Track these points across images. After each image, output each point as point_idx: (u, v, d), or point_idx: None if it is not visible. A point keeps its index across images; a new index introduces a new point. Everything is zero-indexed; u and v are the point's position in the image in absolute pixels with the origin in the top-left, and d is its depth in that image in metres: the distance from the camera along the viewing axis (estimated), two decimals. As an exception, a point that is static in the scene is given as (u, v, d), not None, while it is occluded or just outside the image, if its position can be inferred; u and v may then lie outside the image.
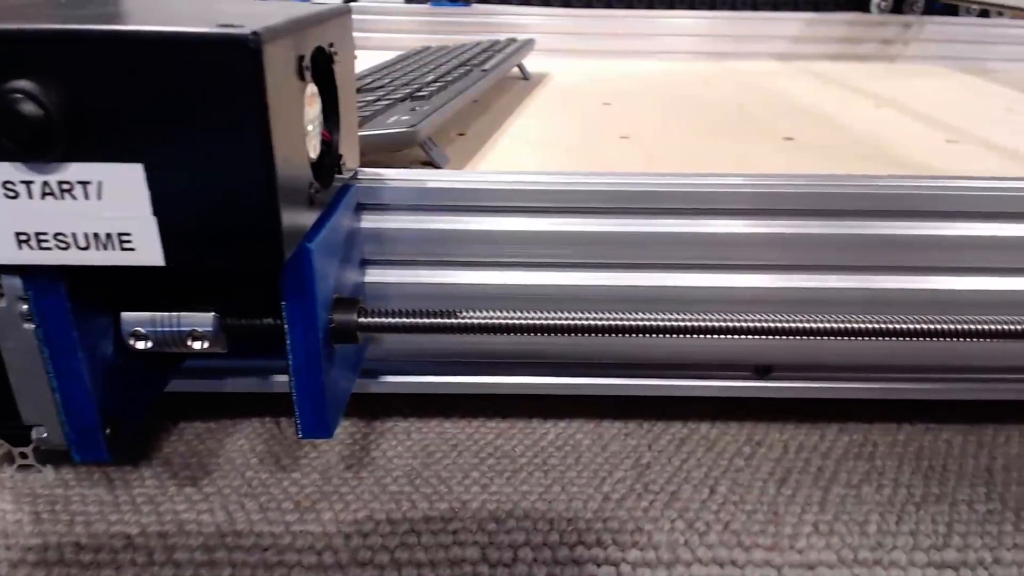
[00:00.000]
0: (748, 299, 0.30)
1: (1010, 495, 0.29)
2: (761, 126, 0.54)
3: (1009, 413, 0.33)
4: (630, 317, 0.27)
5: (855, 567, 0.26)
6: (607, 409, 0.34)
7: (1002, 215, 0.30)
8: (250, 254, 0.19)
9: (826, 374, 0.32)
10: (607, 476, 0.30)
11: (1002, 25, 0.86)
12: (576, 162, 0.44)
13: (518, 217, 0.30)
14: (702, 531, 0.27)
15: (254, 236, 0.18)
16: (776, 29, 0.85)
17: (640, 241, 0.30)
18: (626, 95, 0.64)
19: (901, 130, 0.53)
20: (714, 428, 0.33)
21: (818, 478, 0.30)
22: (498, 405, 0.34)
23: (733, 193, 0.30)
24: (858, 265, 0.30)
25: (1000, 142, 0.49)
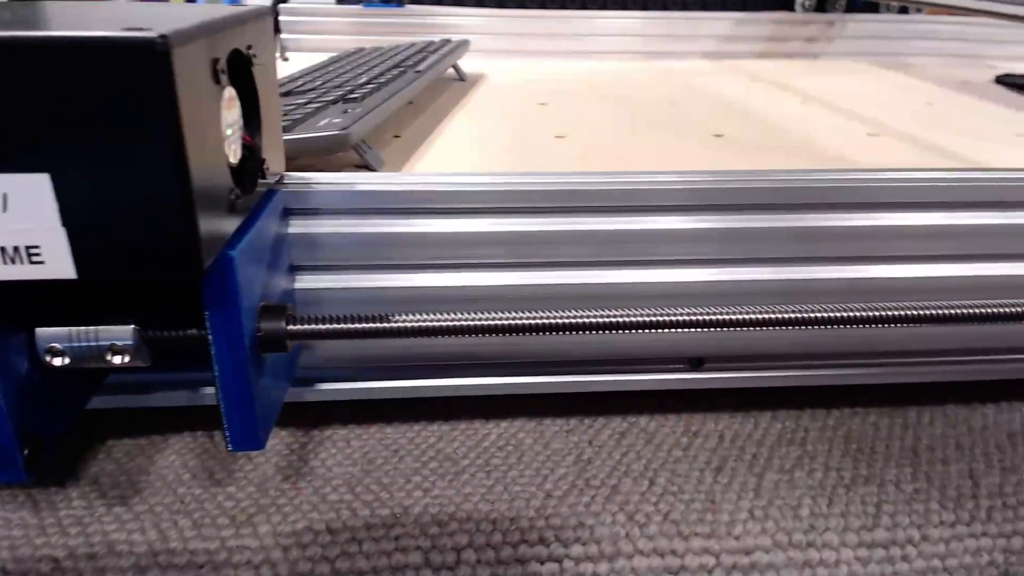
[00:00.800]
0: (681, 293, 0.31)
1: (935, 474, 0.30)
2: (692, 123, 0.55)
3: (932, 394, 0.34)
4: (568, 315, 0.27)
5: (790, 550, 0.27)
6: (549, 407, 0.34)
7: (921, 205, 0.31)
8: (167, 263, 0.18)
9: (758, 363, 0.32)
10: (549, 473, 0.30)
11: (920, 21, 0.90)
12: (512, 162, 0.44)
13: (455, 219, 0.30)
14: (642, 523, 0.27)
15: (170, 245, 0.18)
16: (706, 29, 0.87)
17: (576, 239, 0.30)
18: (562, 95, 0.65)
19: (825, 125, 0.55)
20: (653, 421, 0.33)
21: (753, 465, 0.30)
22: (440, 408, 0.33)
23: (665, 190, 0.30)
24: (785, 257, 0.31)
25: (919, 135, 0.52)
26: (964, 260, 0.32)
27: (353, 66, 0.59)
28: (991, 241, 0.32)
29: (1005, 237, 0.32)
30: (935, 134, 0.52)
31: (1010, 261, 0.32)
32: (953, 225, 0.31)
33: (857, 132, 0.52)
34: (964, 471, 0.30)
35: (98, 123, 0.17)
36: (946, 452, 0.31)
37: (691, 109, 0.60)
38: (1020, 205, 0.32)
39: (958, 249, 0.32)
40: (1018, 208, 0.32)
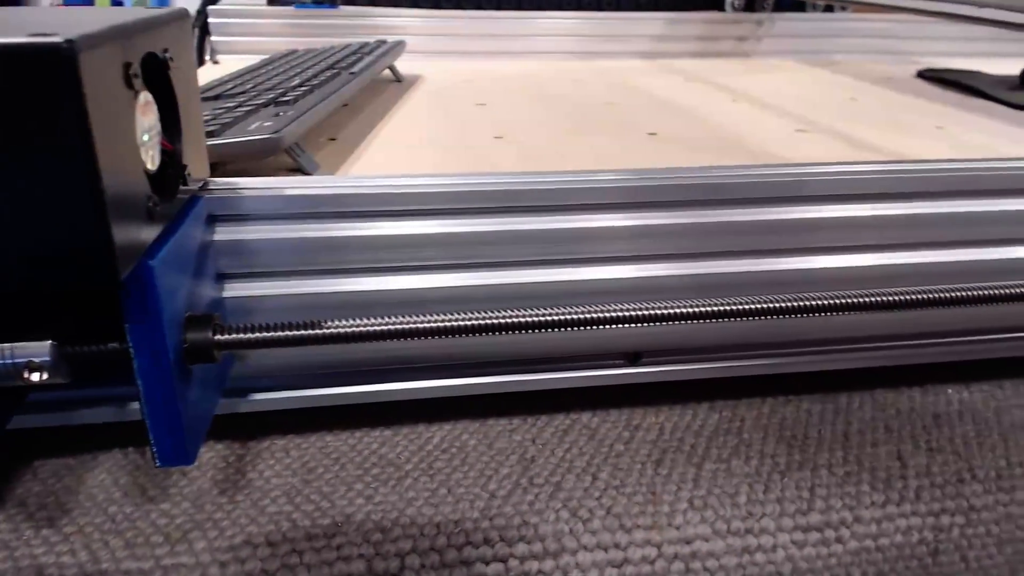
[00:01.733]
0: (619, 289, 0.31)
1: (865, 456, 0.31)
2: (628, 123, 0.55)
3: (862, 380, 0.35)
4: (508, 315, 0.27)
5: (728, 537, 0.27)
6: (493, 407, 0.34)
7: (847, 197, 0.32)
8: (81, 275, 0.17)
9: (694, 356, 0.33)
10: (493, 474, 0.30)
11: (844, 19, 0.93)
12: (451, 163, 0.44)
13: (391, 221, 0.29)
14: (586, 518, 0.28)
15: (83, 255, 0.17)
16: (641, 29, 0.89)
17: (515, 239, 0.30)
18: (500, 95, 0.65)
19: (755, 122, 0.56)
20: (595, 416, 0.33)
21: (692, 456, 0.31)
22: (382, 413, 0.33)
23: (601, 188, 0.31)
24: (719, 251, 0.32)
25: (844, 129, 0.54)
26: (888, 249, 0.33)
27: (285, 68, 0.58)
28: (913, 231, 0.33)
29: (927, 226, 0.33)
30: (860, 128, 0.54)
31: (931, 249, 0.33)
32: (877, 216, 0.33)
33: (786, 128, 0.54)
34: (893, 453, 0.31)
35: (4, 131, 0.16)
36: (875, 435, 0.32)
37: (627, 108, 0.61)
38: (940, 195, 0.33)
39: (882, 239, 0.33)
40: (938, 198, 0.33)
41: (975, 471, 0.30)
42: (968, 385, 0.36)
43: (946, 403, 0.34)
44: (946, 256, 0.34)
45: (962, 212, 0.33)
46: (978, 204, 0.33)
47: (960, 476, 0.30)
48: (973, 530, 0.29)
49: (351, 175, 0.41)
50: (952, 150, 0.48)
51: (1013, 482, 0.30)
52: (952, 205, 0.33)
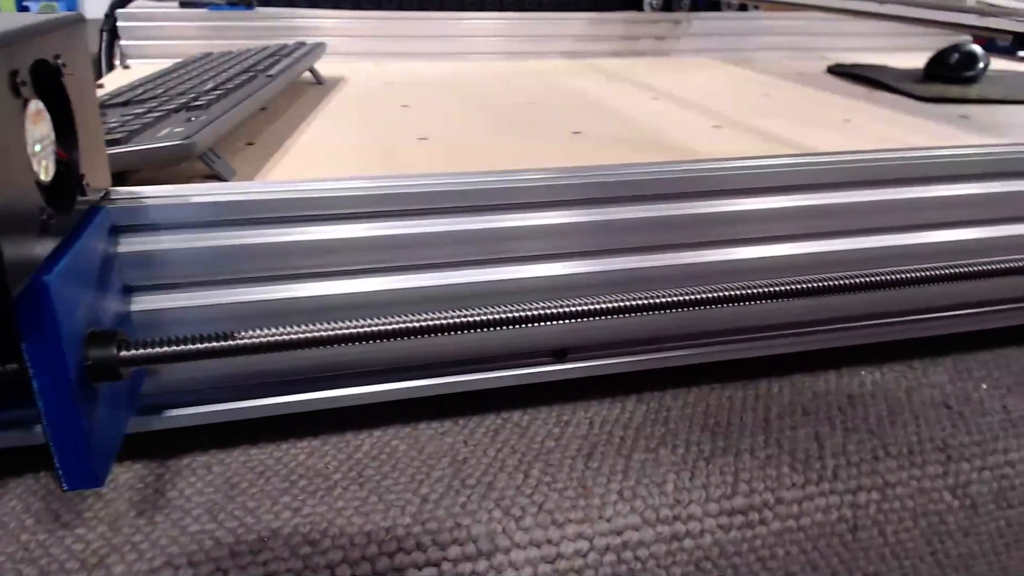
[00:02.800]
0: (545, 287, 0.31)
1: (785, 439, 0.32)
2: (552, 122, 0.56)
3: (780, 365, 0.37)
4: (433, 317, 0.27)
5: (658, 525, 0.28)
6: (423, 410, 0.33)
7: (761, 190, 0.33)
8: (-34, 293, 0.16)
9: (619, 350, 0.33)
10: (424, 478, 0.30)
11: (757, 17, 0.96)
12: (374, 166, 0.44)
13: (312, 226, 0.29)
14: (518, 516, 0.28)
15: (-32, 273, 0.16)
16: (564, 29, 0.89)
17: (440, 240, 0.30)
18: (424, 97, 0.64)
19: (675, 119, 0.57)
20: (526, 414, 0.33)
21: (621, 447, 0.31)
22: (309, 422, 0.32)
23: (526, 187, 0.31)
24: (641, 246, 0.32)
25: (758, 124, 0.55)
26: (801, 239, 0.34)
27: (199, 72, 0.56)
28: (824, 220, 0.34)
29: (836, 215, 0.34)
30: (772, 123, 0.55)
31: (841, 237, 0.35)
32: (790, 207, 0.34)
33: (703, 124, 0.55)
34: (811, 434, 0.32)
35: None
36: (794, 418, 0.33)
37: (551, 108, 0.61)
38: (848, 185, 0.34)
39: (795, 229, 0.34)
40: (846, 188, 0.34)
41: (888, 448, 0.32)
42: (880, 366, 0.37)
43: (860, 384, 0.36)
44: (856, 243, 0.35)
45: (869, 201, 0.35)
46: (884, 193, 0.35)
47: (875, 454, 0.31)
48: (889, 505, 0.30)
49: (269, 180, 0.40)
50: (859, 142, 0.50)
51: (924, 457, 0.32)
52: (859, 194, 0.35)
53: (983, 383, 0.36)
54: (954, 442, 0.32)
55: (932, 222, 0.36)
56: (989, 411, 0.34)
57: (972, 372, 0.37)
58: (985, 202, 0.36)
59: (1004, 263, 0.33)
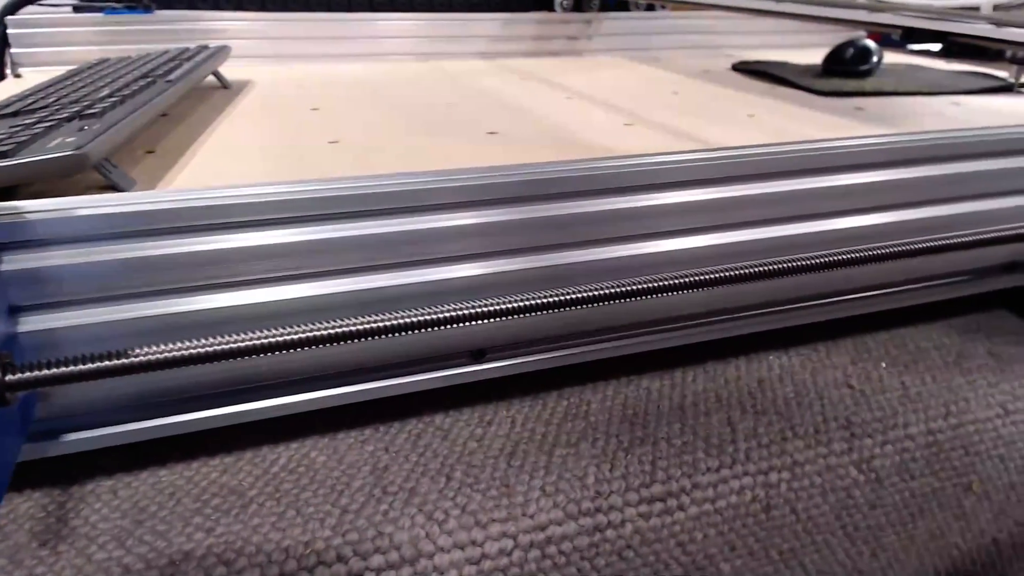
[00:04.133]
0: (464, 288, 0.31)
1: (699, 426, 0.33)
2: (468, 123, 0.56)
3: (694, 354, 0.38)
4: (346, 323, 0.26)
5: (580, 518, 0.28)
6: (342, 420, 0.33)
7: (673, 184, 0.34)
8: None
9: (536, 347, 0.34)
10: (344, 488, 0.29)
11: (665, 17, 0.98)
12: (282, 171, 0.42)
13: (216, 235, 0.28)
14: (441, 520, 0.27)
15: None
16: (477, 29, 0.90)
17: (350, 245, 0.29)
18: (335, 99, 0.63)
19: (588, 117, 0.58)
20: (448, 417, 0.33)
21: (543, 444, 0.31)
22: (221, 439, 0.31)
23: (440, 188, 0.31)
24: (556, 243, 0.33)
25: (667, 121, 0.57)
26: (712, 231, 0.35)
27: (94, 79, 0.54)
28: (732, 212, 0.35)
29: (743, 207, 0.35)
30: (681, 120, 0.57)
31: (748, 228, 0.36)
32: (699, 201, 0.35)
33: (615, 122, 0.56)
34: (724, 419, 0.33)
35: None
36: (708, 404, 0.34)
37: (466, 108, 0.61)
38: (752, 178, 0.35)
39: (706, 221, 0.35)
40: (750, 180, 0.35)
41: (796, 429, 0.33)
42: (787, 350, 0.39)
43: (769, 369, 0.37)
44: (762, 233, 0.36)
45: (773, 192, 0.36)
46: (786, 184, 0.36)
47: (784, 435, 0.33)
48: (799, 483, 0.32)
49: (170, 189, 0.39)
50: (762, 136, 0.52)
51: (830, 435, 0.33)
52: (763, 186, 0.36)
53: (882, 362, 0.38)
54: (857, 419, 0.34)
55: (831, 211, 0.37)
56: (888, 388, 0.36)
57: (872, 352, 0.39)
58: (880, 190, 0.38)
59: (899, 247, 0.34)
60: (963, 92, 0.70)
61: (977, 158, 0.39)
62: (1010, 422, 0.36)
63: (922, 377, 0.37)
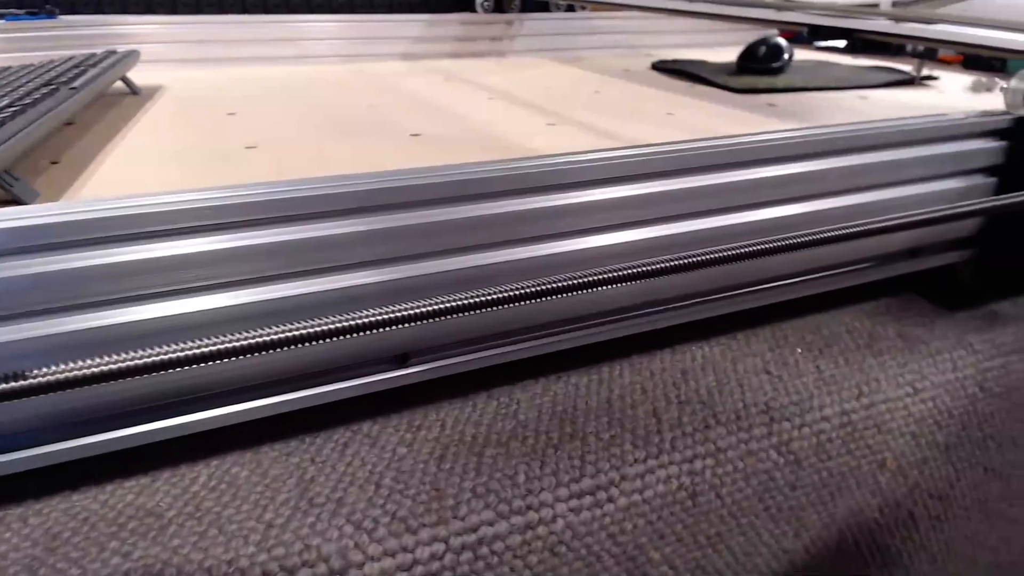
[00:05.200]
0: (384, 292, 0.31)
1: (626, 419, 0.33)
2: (390, 125, 0.55)
3: (619, 348, 0.38)
4: (263, 333, 0.26)
5: (511, 517, 0.28)
6: (266, 432, 0.32)
7: (596, 182, 0.34)
8: None
9: (462, 349, 0.34)
10: (269, 503, 0.28)
11: (586, 18, 1.00)
12: (195, 179, 0.41)
13: (122, 247, 0.27)
14: (370, 528, 0.27)
15: None
16: (400, 31, 0.89)
17: (266, 252, 0.29)
18: (253, 103, 0.62)
19: (511, 118, 0.58)
20: (376, 424, 0.33)
21: (472, 445, 0.31)
22: (137, 458, 0.30)
23: (358, 192, 0.30)
24: (479, 244, 0.33)
25: (589, 120, 0.57)
26: (631, 227, 0.36)
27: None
28: (652, 207, 0.36)
29: (663, 203, 0.36)
30: (602, 119, 0.58)
31: (668, 223, 0.37)
32: (621, 197, 0.35)
33: (539, 122, 0.57)
34: (649, 411, 0.34)
35: None
36: (634, 397, 0.35)
37: (389, 110, 0.61)
38: (670, 173, 0.36)
39: (629, 217, 0.36)
40: (668, 177, 0.36)
41: (718, 416, 0.34)
42: (708, 341, 0.40)
43: (691, 359, 0.38)
44: (679, 228, 0.37)
45: (690, 187, 0.37)
46: (703, 179, 0.37)
47: (706, 423, 0.33)
48: (722, 469, 0.32)
49: (75, 200, 0.37)
50: (680, 133, 0.53)
51: (750, 421, 0.34)
52: (681, 181, 0.37)
53: (798, 348, 0.39)
54: (775, 404, 0.35)
55: (748, 203, 0.38)
56: (804, 372, 0.37)
57: (788, 339, 0.40)
58: (792, 182, 0.39)
59: (811, 236, 0.36)
60: (869, 86, 0.73)
61: (882, 149, 0.41)
62: (919, 400, 0.38)
63: (836, 360, 0.38)
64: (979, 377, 0.40)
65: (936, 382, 0.39)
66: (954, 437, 0.40)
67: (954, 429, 0.39)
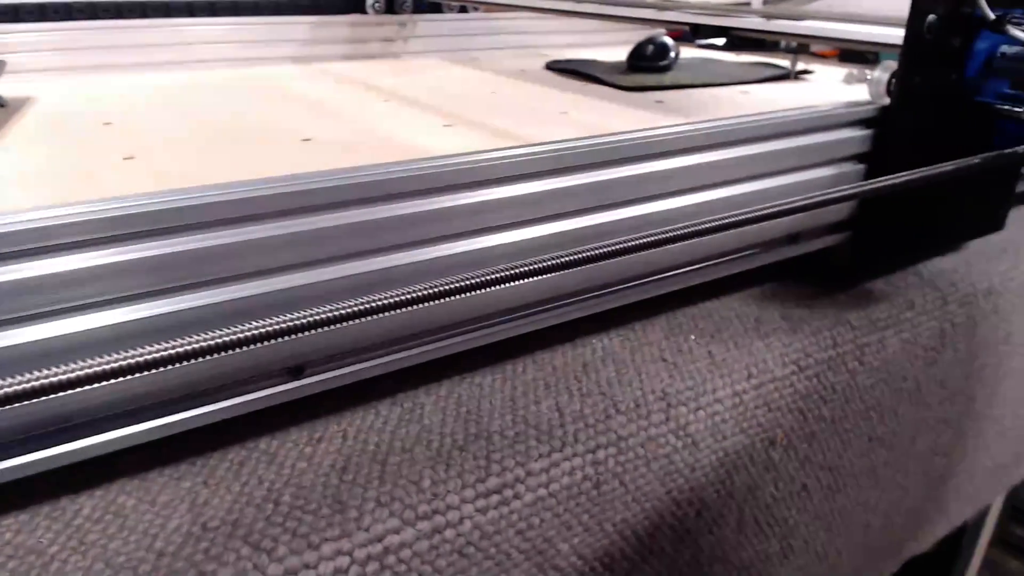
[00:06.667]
0: (280, 302, 0.30)
1: (530, 415, 0.34)
2: (280, 130, 0.54)
3: (522, 345, 0.38)
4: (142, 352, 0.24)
5: (418, 523, 0.28)
6: (154, 458, 0.30)
7: (493, 181, 0.35)
8: None
9: (361, 356, 0.33)
10: (159, 531, 0.27)
11: (480, 18, 1.00)
12: (66, 193, 0.39)
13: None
14: (269, 548, 0.26)
15: None
16: (289, 33, 0.86)
17: (145, 267, 0.27)
18: (131, 112, 0.59)
19: (406, 120, 0.58)
20: (274, 439, 0.32)
21: (376, 454, 0.31)
22: (13, 494, 0.28)
23: (249, 199, 0.29)
24: (378, 248, 0.32)
25: (485, 120, 0.58)
26: (528, 225, 0.36)
27: None
28: (546, 205, 0.36)
29: (558, 200, 0.36)
30: (499, 118, 0.58)
31: (563, 219, 0.37)
32: (515, 196, 0.35)
33: (434, 123, 0.56)
34: (552, 405, 0.34)
35: None
36: (537, 393, 0.35)
37: (279, 115, 0.59)
38: (564, 171, 0.37)
39: (523, 215, 0.36)
40: (563, 174, 0.37)
41: (619, 405, 0.35)
42: (608, 332, 0.41)
43: (592, 352, 0.39)
44: (574, 224, 0.38)
45: (585, 183, 0.37)
46: (597, 175, 0.38)
47: (607, 413, 0.34)
48: (624, 457, 0.33)
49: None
50: (574, 131, 0.54)
51: (649, 408, 0.35)
52: (575, 179, 0.37)
53: (692, 335, 0.41)
54: (672, 390, 0.36)
55: (639, 197, 0.39)
56: (698, 358, 0.39)
57: (683, 327, 0.42)
58: (680, 175, 0.40)
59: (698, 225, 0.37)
60: (750, 82, 0.77)
61: (761, 141, 0.43)
62: (804, 377, 0.40)
63: (726, 344, 0.40)
64: (858, 352, 0.43)
65: (819, 359, 0.41)
66: (839, 410, 0.42)
67: (838, 403, 0.42)
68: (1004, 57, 0.43)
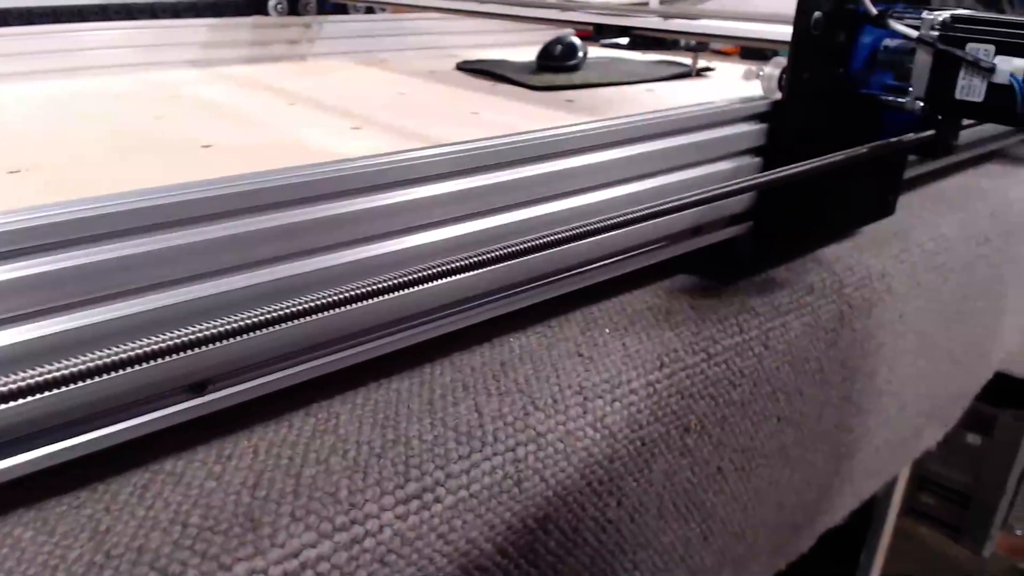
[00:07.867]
0: (183, 314, 0.29)
1: (448, 417, 0.34)
2: (180, 137, 0.52)
3: (439, 347, 0.38)
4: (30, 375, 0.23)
5: (335, 535, 0.27)
6: (51, 486, 0.29)
7: (401, 183, 0.34)
8: None
9: (270, 368, 0.32)
10: (59, 563, 0.25)
11: (387, 19, 0.99)
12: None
13: None
14: (178, 572, 0.25)
15: None
16: (187, 36, 0.83)
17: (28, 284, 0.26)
18: (18, 123, 0.55)
19: (313, 123, 0.57)
20: (180, 460, 0.31)
21: (289, 468, 0.30)
22: None
23: (139, 210, 0.28)
24: (282, 255, 0.31)
25: (394, 122, 0.57)
26: (439, 226, 0.36)
27: None
28: (456, 206, 0.36)
29: (468, 200, 0.36)
30: (409, 121, 0.58)
31: (474, 219, 0.37)
32: (425, 198, 0.35)
33: (342, 127, 0.56)
34: (471, 406, 0.34)
35: None
36: (455, 395, 0.35)
37: (178, 122, 0.57)
38: (474, 171, 0.37)
39: (433, 217, 0.36)
40: (473, 174, 0.37)
41: (537, 402, 0.35)
42: (525, 330, 0.41)
43: (510, 351, 0.39)
44: (485, 224, 0.38)
45: (496, 182, 0.37)
46: (508, 173, 0.38)
47: (526, 410, 0.34)
48: (544, 452, 0.33)
49: None
50: (485, 131, 0.54)
51: (566, 403, 0.35)
52: (487, 178, 0.37)
53: (606, 328, 0.41)
54: (588, 383, 0.36)
55: (550, 194, 0.40)
56: (612, 351, 0.39)
57: (598, 321, 0.42)
58: (591, 172, 0.41)
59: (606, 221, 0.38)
60: (655, 80, 0.79)
61: (663, 137, 0.44)
62: (713, 364, 0.41)
63: (639, 336, 0.41)
64: (763, 337, 0.44)
65: (727, 345, 0.42)
66: (748, 394, 0.44)
67: (747, 387, 0.43)
68: (887, 50, 0.46)
